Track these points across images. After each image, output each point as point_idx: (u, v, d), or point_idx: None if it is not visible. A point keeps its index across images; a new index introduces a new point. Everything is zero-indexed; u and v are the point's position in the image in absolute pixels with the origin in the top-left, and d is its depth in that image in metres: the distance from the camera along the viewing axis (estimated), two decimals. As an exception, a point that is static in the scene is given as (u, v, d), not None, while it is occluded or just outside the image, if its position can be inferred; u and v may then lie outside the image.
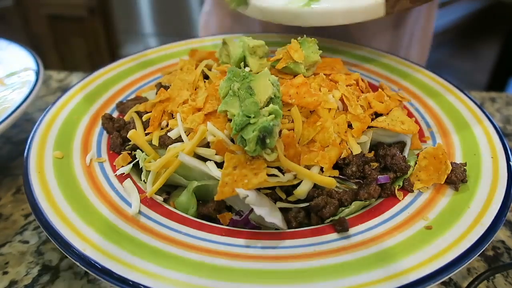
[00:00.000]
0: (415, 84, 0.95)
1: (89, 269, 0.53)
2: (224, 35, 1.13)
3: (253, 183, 0.59)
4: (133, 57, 1.03)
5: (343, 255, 0.56)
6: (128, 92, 0.93)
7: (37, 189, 0.64)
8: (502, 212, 0.61)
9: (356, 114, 0.72)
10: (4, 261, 0.72)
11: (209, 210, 0.65)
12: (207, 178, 0.66)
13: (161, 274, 0.52)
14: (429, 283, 0.52)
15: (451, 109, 0.86)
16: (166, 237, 0.59)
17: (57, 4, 3.07)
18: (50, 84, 1.30)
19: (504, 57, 3.66)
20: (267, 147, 0.61)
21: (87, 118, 0.83)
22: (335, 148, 0.67)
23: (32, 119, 1.13)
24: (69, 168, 0.70)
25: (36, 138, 0.74)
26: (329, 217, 0.63)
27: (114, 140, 0.77)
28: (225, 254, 0.56)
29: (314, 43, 0.81)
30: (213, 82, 0.79)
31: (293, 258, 0.56)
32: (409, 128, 0.73)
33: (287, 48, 0.79)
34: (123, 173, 0.70)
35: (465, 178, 0.67)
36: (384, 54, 1.07)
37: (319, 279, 0.52)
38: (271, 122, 0.61)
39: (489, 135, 0.77)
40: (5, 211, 0.83)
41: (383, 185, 0.68)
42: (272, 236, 0.60)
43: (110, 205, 0.63)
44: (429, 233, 0.59)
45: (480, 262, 0.74)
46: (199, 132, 0.67)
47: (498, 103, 1.25)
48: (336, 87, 0.76)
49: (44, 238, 0.77)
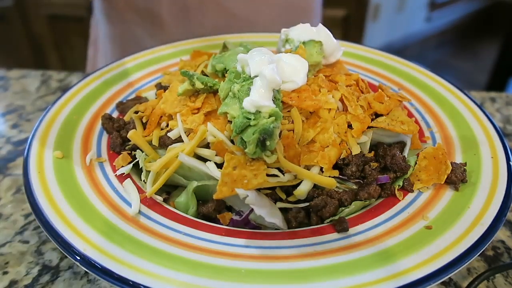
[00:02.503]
0: (415, 84, 0.95)
1: (89, 269, 0.53)
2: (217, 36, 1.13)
3: (253, 184, 0.59)
4: (133, 57, 1.03)
5: (343, 255, 0.56)
6: (128, 92, 0.93)
7: (37, 189, 0.64)
8: (502, 212, 0.61)
9: (356, 115, 0.72)
10: (4, 261, 0.72)
11: (209, 210, 0.65)
12: (207, 178, 0.66)
13: (161, 274, 0.52)
14: (429, 283, 0.52)
15: (451, 109, 0.86)
16: (166, 237, 0.59)
17: (57, 4, 3.07)
18: (50, 84, 1.30)
19: (504, 57, 3.66)
20: (267, 149, 0.61)
21: (87, 118, 0.83)
22: (334, 148, 0.67)
23: (32, 119, 1.13)
24: (69, 168, 0.70)
25: (36, 138, 0.74)
26: (329, 217, 0.63)
27: (114, 140, 0.77)
28: (225, 254, 0.56)
29: (320, 45, 0.81)
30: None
31: (293, 258, 0.56)
32: (409, 128, 0.73)
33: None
34: (123, 173, 0.70)
35: (465, 178, 0.67)
36: (384, 54, 1.07)
37: (319, 279, 0.52)
38: (271, 124, 0.61)
39: (489, 135, 0.77)
40: (5, 211, 0.83)
41: (383, 185, 0.68)
42: (272, 236, 0.60)
43: (110, 205, 0.63)
44: (429, 233, 0.59)
45: (480, 262, 0.73)
46: (199, 133, 0.67)
47: (498, 103, 1.25)
48: (336, 88, 0.76)
49: (44, 238, 0.77)
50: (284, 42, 0.87)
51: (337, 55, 0.84)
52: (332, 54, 0.84)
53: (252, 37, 1.13)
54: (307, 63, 0.75)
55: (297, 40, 0.83)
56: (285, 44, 0.87)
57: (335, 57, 0.84)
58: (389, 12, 4.34)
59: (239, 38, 1.12)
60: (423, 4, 4.81)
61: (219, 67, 0.79)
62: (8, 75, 1.36)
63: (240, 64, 0.71)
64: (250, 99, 0.63)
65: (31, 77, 1.34)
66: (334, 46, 0.83)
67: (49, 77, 1.34)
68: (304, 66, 0.74)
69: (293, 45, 0.84)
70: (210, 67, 0.83)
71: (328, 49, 0.82)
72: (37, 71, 1.37)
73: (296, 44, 0.83)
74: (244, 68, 0.70)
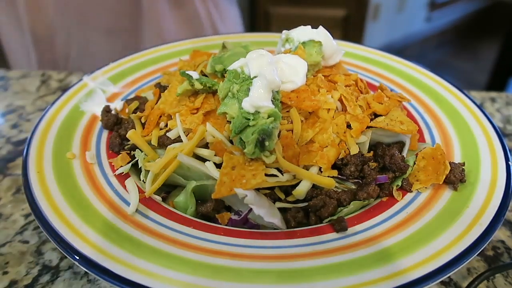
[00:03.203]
0: (415, 84, 0.95)
1: (89, 269, 0.53)
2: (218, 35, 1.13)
3: (251, 184, 0.59)
4: (133, 56, 1.03)
5: (342, 254, 0.56)
6: (128, 92, 0.93)
7: (37, 189, 0.64)
8: (501, 212, 0.61)
9: (355, 115, 0.72)
10: (4, 261, 0.72)
11: (207, 209, 0.65)
12: (206, 178, 0.66)
13: (160, 274, 0.52)
14: (428, 283, 0.52)
15: (450, 109, 0.86)
16: (165, 237, 0.59)
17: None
18: (50, 84, 1.30)
19: (504, 57, 3.66)
20: (266, 149, 0.61)
21: (86, 118, 0.83)
22: (333, 148, 0.67)
23: (32, 119, 1.13)
24: (69, 168, 0.70)
25: (35, 138, 0.74)
26: (327, 217, 0.63)
27: (113, 140, 0.77)
28: (224, 253, 0.56)
29: (319, 45, 0.81)
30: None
31: (292, 258, 0.56)
32: (408, 128, 0.73)
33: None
34: (122, 173, 0.71)
35: (463, 178, 0.67)
36: (384, 54, 1.07)
37: (318, 278, 0.52)
38: (270, 124, 0.61)
39: (488, 135, 0.77)
40: (5, 211, 0.83)
41: (382, 185, 0.68)
42: (271, 236, 0.60)
43: (109, 205, 0.64)
44: (428, 233, 0.59)
45: (480, 262, 0.73)
46: (198, 132, 0.67)
47: (498, 103, 1.25)
48: (335, 88, 0.76)
49: (44, 238, 0.77)
50: (284, 42, 0.87)
51: (336, 58, 0.84)
52: (332, 57, 0.84)
53: (252, 37, 1.13)
54: (306, 63, 0.75)
55: (297, 40, 0.84)
56: (285, 44, 0.87)
57: (335, 60, 0.84)
58: (389, 12, 4.34)
59: (239, 38, 1.12)
60: (423, 4, 4.81)
61: (218, 68, 0.80)
62: (8, 75, 1.36)
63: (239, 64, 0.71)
64: (249, 99, 0.63)
65: (31, 77, 1.34)
66: (334, 49, 0.83)
67: (49, 77, 1.34)
68: (303, 66, 0.74)
69: (293, 45, 0.84)
70: (209, 67, 0.83)
71: (328, 51, 0.82)
72: (37, 71, 1.37)
73: (296, 44, 0.83)
74: (243, 69, 0.70)
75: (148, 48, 1.07)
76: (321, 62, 0.82)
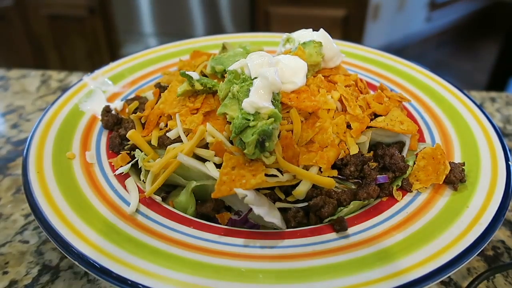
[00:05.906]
0: (415, 84, 0.95)
1: (89, 269, 0.53)
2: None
3: (251, 184, 0.59)
4: (133, 56, 1.03)
5: (342, 254, 0.56)
6: (128, 92, 0.93)
7: (37, 189, 0.64)
8: (501, 212, 0.61)
9: (355, 115, 0.72)
10: (4, 261, 0.72)
11: (207, 209, 0.65)
12: (205, 178, 0.66)
13: (159, 274, 0.52)
14: (428, 283, 0.52)
15: (450, 109, 0.86)
16: (165, 237, 0.59)
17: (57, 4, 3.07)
18: (50, 84, 1.30)
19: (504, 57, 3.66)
20: (266, 150, 0.61)
21: (86, 118, 0.83)
22: (333, 148, 0.67)
23: (32, 119, 1.13)
24: (69, 167, 0.70)
25: (35, 138, 0.74)
26: (327, 217, 0.63)
27: (113, 140, 0.77)
28: (224, 253, 0.56)
29: (320, 45, 0.81)
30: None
31: (292, 258, 0.56)
32: (408, 128, 0.73)
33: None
34: (122, 173, 0.71)
35: (463, 178, 0.67)
36: (384, 54, 1.07)
37: (318, 278, 0.52)
38: (270, 125, 0.61)
39: (488, 135, 0.77)
40: (5, 211, 0.83)
41: (382, 185, 0.68)
42: (271, 236, 0.60)
43: (109, 205, 0.64)
44: (428, 233, 0.59)
45: (480, 262, 0.73)
46: (198, 133, 0.67)
47: (498, 103, 1.25)
48: (335, 88, 0.76)
49: (44, 238, 0.77)
50: (285, 41, 0.87)
51: (337, 61, 0.84)
52: (332, 60, 0.83)
53: (252, 37, 1.13)
54: (306, 64, 0.75)
55: (297, 40, 0.84)
56: (285, 44, 0.87)
57: (335, 63, 0.84)
58: (389, 12, 4.34)
59: (239, 38, 1.12)
60: (423, 4, 4.81)
61: (218, 68, 0.80)
62: (8, 75, 1.36)
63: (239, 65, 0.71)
64: (250, 100, 0.63)
65: (31, 77, 1.34)
66: (334, 52, 0.83)
67: (49, 77, 1.34)
68: (303, 67, 0.74)
69: (294, 45, 0.84)
70: (209, 68, 0.83)
71: (329, 54, 0.82)
72: (37, 71, 1.37)
73: (297, 44, 0.83)
74: (243, 69, 0.70)
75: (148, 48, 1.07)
76: (321, 64, 0.82)
